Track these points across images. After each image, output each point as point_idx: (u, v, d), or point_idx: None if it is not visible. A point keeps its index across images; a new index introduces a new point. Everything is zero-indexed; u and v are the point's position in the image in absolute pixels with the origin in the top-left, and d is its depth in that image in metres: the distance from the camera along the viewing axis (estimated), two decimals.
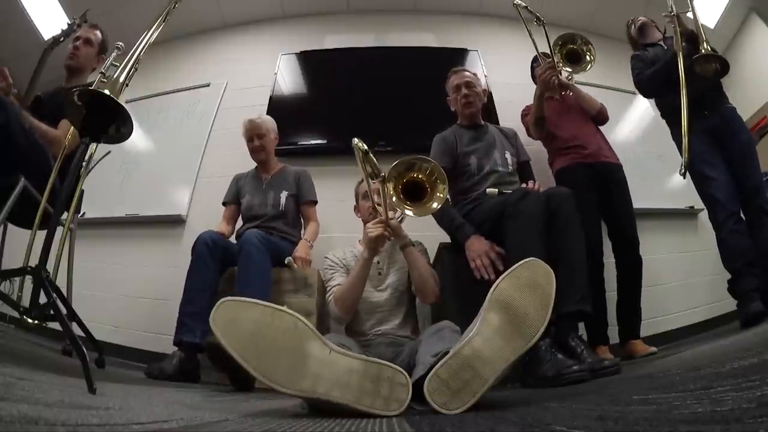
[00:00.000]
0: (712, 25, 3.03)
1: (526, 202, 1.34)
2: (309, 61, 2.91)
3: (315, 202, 2.08)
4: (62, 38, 1.73)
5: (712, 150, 1.76)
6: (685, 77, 1.70)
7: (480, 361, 0.73)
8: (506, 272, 0.82)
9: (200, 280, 1.59)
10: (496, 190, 1.64)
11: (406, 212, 1.27)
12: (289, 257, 1.78)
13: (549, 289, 0.80)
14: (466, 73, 1.93)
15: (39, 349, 1.47)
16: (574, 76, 2.06)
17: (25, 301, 0.98)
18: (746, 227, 1.67)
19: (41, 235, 1.01)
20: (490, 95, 2.46)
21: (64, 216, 1.49)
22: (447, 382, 0.72)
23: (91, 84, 0.99)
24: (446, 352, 0.76)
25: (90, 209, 2.05)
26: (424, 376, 0.75)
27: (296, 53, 2.93)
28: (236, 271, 1.61)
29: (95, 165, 1.71)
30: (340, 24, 3.16)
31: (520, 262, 0.83)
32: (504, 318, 0.77)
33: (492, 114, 2.54)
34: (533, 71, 2.26)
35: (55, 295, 0.95)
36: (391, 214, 1.36)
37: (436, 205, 1.25)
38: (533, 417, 0.56)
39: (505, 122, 2.38)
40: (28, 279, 0.95)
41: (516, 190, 1.50)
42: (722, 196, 1.68)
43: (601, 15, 3.07)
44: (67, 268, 1.64)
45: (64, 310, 1.00)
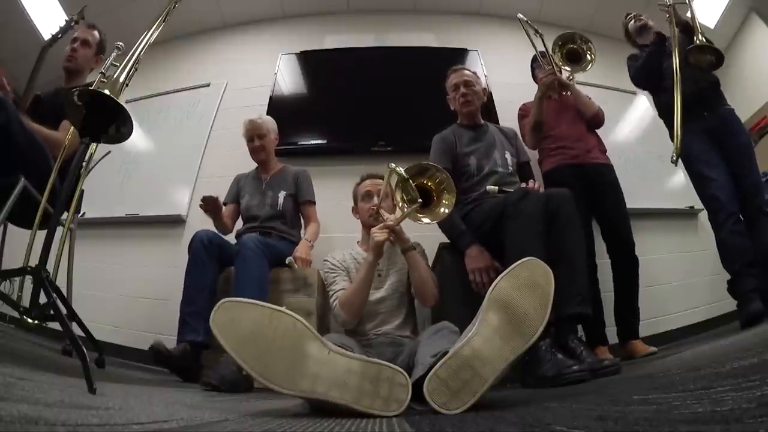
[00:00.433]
0: (712, 25, 3.03)
1: (526, 202, 1.34)
2: (309, 61, 2.91)
3: (313, 202, 2.07)
4: (60, 35, 1.72)
5: (710, 150, 1.76)
6: (680, 67, 1.69)
7: (479, 361, 0.73)
8: (505, 272, 0.82)
9: (199, 279, 1.59)
10: (497, 188, 1.64)
11: (422, 219, 1.29)
12: (290, 257, 1.78)
13: (548, 289, 0.80)
14: (465, 71, 1.92)
15: (39, 349, 1.47)
16: (575, 76, 2.05)
17: (25, 301, 0.98)
18: (745, 228, 1.66)
19: (41, 235, 1.01)
20: (490, 95, 2.46)
21: (64, 216, 1.49)
22: (446, 382, 0.72)
23: (90, 84, 0.99)
24: (446, 352, 0.76)
25: (90, 209, 2.05)
26: (423, 376, 0.75)
27: (296, 53, 2.93)
28: (233, 275, 1.60)
29: (95, 165, 1.71)
30: (340, 24, 3.16)
31: (519, 261, 0.83)
32: (503, 318, 0.77)
33: (492, 114, 2.54)
34: (533, 72, 2.26)
35: (55, 295, 0.95)
36: (393, 216, 1.37)
37: (444, 211, 1.27)
38: (533, 417, 0.56)
39: (504, 122, 2.38)
40: (28, 279, 0.95)
41: (516, 190, 1.50)
42: (721, 196, 1.67)
43: (601, 15, 3.07)
44: (67, 268, 1.64)
45: (64, 310, 1.00)
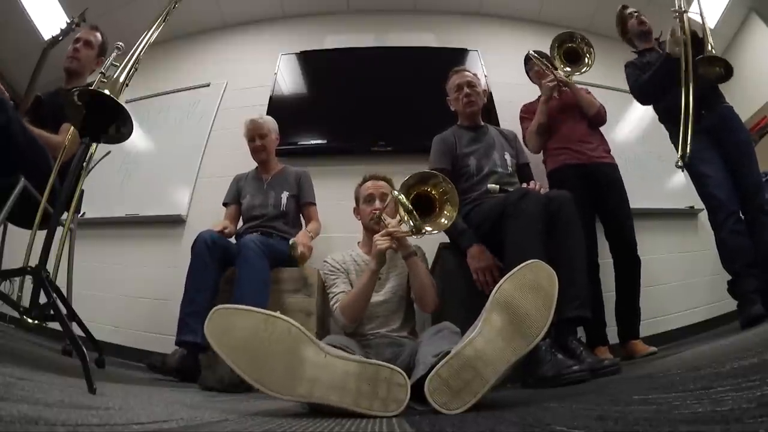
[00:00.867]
0: (712, 25, 3.02)
1: (527, 202, 1.33)
2: (309, 61, 2.91)
3: (315, 203, 2.07)
4: (61, 37, 1.72)
5: (710, 149, 1.74)
6: (687, 78, 1.68)
7: (481, 362, 0.73)
8: (509, 273, 0.82)
9: (200, 280, 1.59)
10: (498, 186, 1.63)
11: (426, 228, 1.30)
12: (293, 239, 1.75)
13: (551, 291, 0.80)
14: (467, 72, 1.92)
15: (39, 349, 1.47)
16: (575, 76, 2.05)
17: (25, 301, 0.98)
18: (746, 227, 1.64)
19: (41, 235, 1.01)
20: (490, 95, 2.46)
21: (64, 216, 1.49)
22: (448, 382, 0.72)
23: (91, 84, 0.99)
24: (447, 352, 0.76)
25: (90, 209, 2.04)
26: (425, 375, 0.75)
27: (296, 53, 2.93)
28: (235, 275, 1.60)
29: (95, 165, 1.71)
30: (340, 24, 3.15)
31: (524, 263, 0.83)
32: (506, 319, 0.77)
33: (492, 114, 2.54)
34: (528, 73, 2.25)
35: (55, 295, 0.96)
36: (394, 221, 1.37)
37: (445, 222, 1.28)
38: (533, 417, 0.56)
39: (504, 122, 2.38)
40: (28, 279, 0.95)
41: (516, 190, 1.50)
42: (721, 194, 1.66)
43: (601, 15, 3.06)
44: (67, 268, 1.64)
45: (64, 310, 1.00)
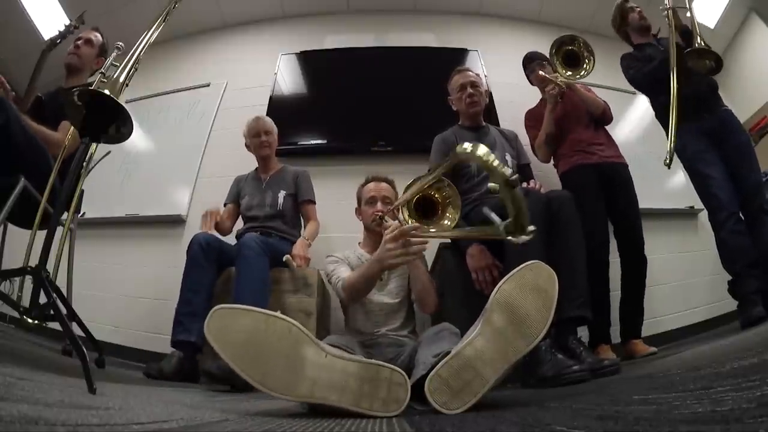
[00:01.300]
0: (712, 25, 3.03)
1: (527, 203, 1.33)
2: (309, 61, 2.91)
3: (313, 202, 2.07)
4: (59, 40, 1.72)
5: (711, 150, 1.75)
6: (678, 73, 1.68)
7: (481, 362, 0.73)
8: (510, 274, 0.82)
9: (195, 282, 1.59)
10: (498, 186, 1.63)
11: (430, 231, 1.30)
12: (287, 255, 1.77)
13: (552, 292, 0.80)
14: (470, 72, 1.92)
15: (39, 349, 1.47)
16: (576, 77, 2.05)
17: (25, 301, 0.97)
18: (746, 227, 1.64)
19: (41, 235, 1.01)
20: (490, 95, 2.46)
21: (64, 216, 1.49)
22: (448, 382, 0.72)
23: (91, 84, 0.99)
24: (448, 352, 0.76)
25: (90, 209, 2.04)
26: (425, 375, 0.75)
27: (296, 53, 2.93)
28: (234, 275, 1.60)
29: (95, 165, 1.71)
30: (340, 24, 3.16)
31: (524, 264, 0.83)
32: (506, 319, 0.77)
33: (492, 114, 2.54)
34: (528, 76, 2.25)
35: (55, 295, 0.95)
36: (395, 224, 1.37)
37: (447, 224, 1.28)
38: (533, 417, 0.56)
39: (504, 122, 2.38)
40: (28, 279, 0.95)
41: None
42: (721, 194, 1.66)
43: (601, 15, 3.05)
44: (67, 268, 1.64)
45: (64, 310, 1.00)
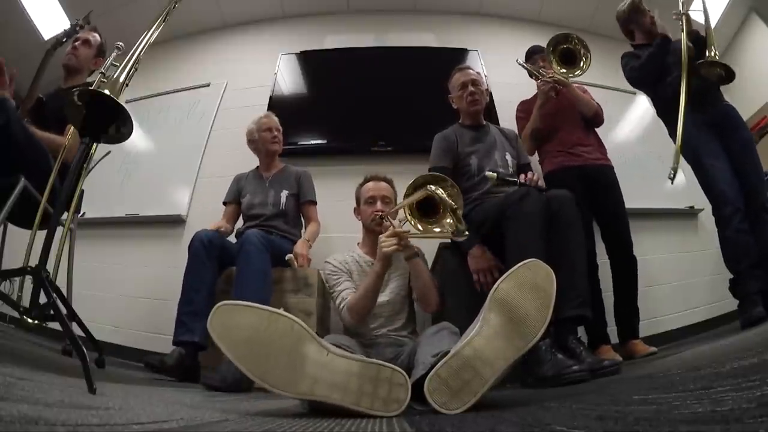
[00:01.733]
0: (712, 25, 3.02)
1: (527, 203, 1.33)
2: (309, 61, 2.91)
3: (315, 203, 2.07)
4: (65, 39, 1.73)
5: (714, 141, 1.72)
6: (686, 76, 1.68)
7: (480, 361, 0.73)
8: (507, 273, 0.82)
9: (197, 280, 1.59)
10: (495, 174, 1.60)
11: (434, 230, 1.30)
12: (289, 255, 1.78)
13: (550, 290, 0.80)
14: (471, 71, 1.92)
15: (39, 349, 1.47)
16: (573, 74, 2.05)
17: (25, 301, 0.97)
18: (749, 225, 1.61)
19: (41, 235, 1.01)
20: (490, 95, 2.46)
21: (64, 216, 1.49)
22: (447, 382, 0.72)
23: (91, 84, 0.99)
24: (447, 352, 0.76)
25: (90, 209, 2.04)
26: (424, 375, 0.75)
27: (296, 53, 2.93)
28: (235, 271, 1.60)
29: (95, 165, 1.71)
30: (340, 24, 3.15)
31: (522, 262, 0.83)
32: (505, 318, 0.77)
33: (492, 114, 2.54)
34: (530, 75, 2.25)
35: (55, 295, 0.95)
36: (397, 222, 1.37)
37: (449, 221, 1.28)
38: (533, 417, 0.56)
39: (504, 122, 2.38)
40: (28, 279, 0.95)
41: (517, 190, 1.49)
42: (728, 189, 1.63)
43: (601, 15, 3.06)
44: (67, 268, 1.64)
45: (64, 310, 1.00)
